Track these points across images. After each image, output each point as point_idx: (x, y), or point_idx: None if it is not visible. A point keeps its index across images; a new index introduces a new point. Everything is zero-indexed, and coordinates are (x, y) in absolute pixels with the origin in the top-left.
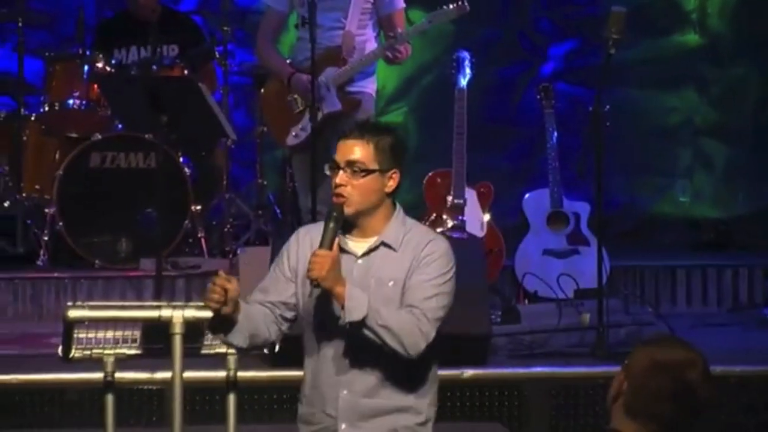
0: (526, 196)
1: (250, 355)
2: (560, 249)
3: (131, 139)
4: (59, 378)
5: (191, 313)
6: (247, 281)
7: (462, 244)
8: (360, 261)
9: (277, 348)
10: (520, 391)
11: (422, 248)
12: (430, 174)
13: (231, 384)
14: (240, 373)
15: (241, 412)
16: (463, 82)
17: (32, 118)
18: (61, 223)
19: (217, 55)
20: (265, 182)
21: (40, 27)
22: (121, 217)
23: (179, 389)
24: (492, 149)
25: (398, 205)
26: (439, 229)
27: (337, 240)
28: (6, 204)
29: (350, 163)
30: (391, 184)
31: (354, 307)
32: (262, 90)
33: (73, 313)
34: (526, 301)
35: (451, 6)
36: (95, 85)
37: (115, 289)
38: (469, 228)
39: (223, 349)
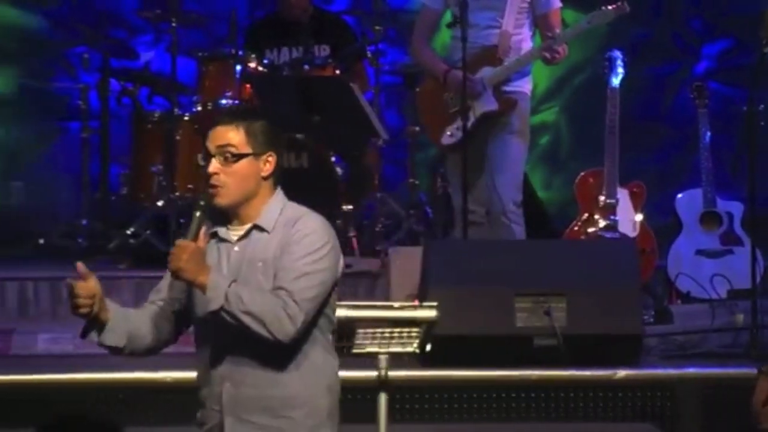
0: (679, 195)
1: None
2: (713, 249)
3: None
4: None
5: (342, 312)
6: (399, 281)
7: (614, 244)
8: (236, 248)
9: (428, 347)
10: (672, 392)
11: (291, 226)
12: (582, 173)
13: (382, 383)
14: (391, 373)
15: (392, 412)
16: (616, 81)
17: (185, 118)
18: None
19: (369, 55)
20: (417, 182)
21: (194, 27)
22: None
23: None
24: (644, 148)
25: (279, 189)
26: (591, 229)
27: (204, 229)
28: (160, 203)
29: (221, 149)
30: (268, 168)
31: (213, 296)
32: (417, 89)
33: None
34: (679, 302)
35: (610, 7)
36: (247, 85)
37: None
38: (621, 228)
39: (374, 349)
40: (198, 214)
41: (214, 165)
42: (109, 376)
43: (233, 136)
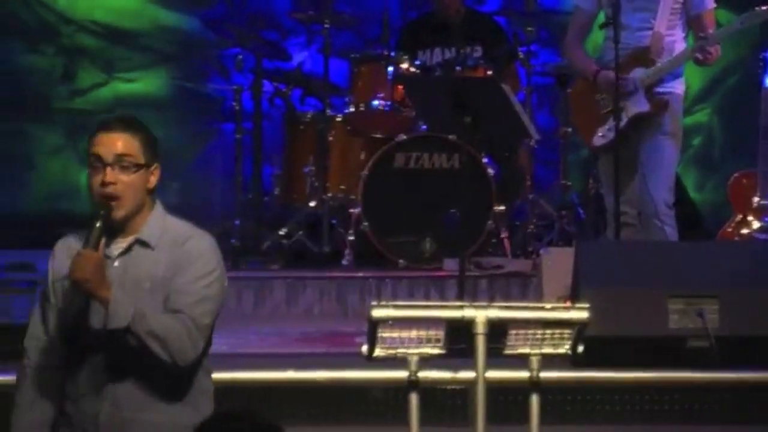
0: None
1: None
2: None
3: (435, 140)
4: (364, 376)
5: (494, 313)
6: (551, 282)
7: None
8: (117, 263)
9: (580, 349)
10: None
11: (181, 245)
12: (735, 175)
13: (534, 384)
14: (543, 374)
15: (544, 413)
16: None
17: (338, 119)
18: (365, 223)
19: (521, 56)
20: (569, 183)
21: (346, 29)
22: (425, 218)
23: (482, 389)
24: None
25: (158, 202)
26: (744, 231)
27: (102, 241)
28: (312, 204)
29: (120, 158)
30: (153, 180)
31: (117, 312)
32: (569, 90)
33: (377, 313)
34: None
35: (764, 7)
36: (399, 86)
37: (419, 289)
38: None
39: (526, 350)
40: (98, 224)
41: (111, 174)
42: (263, 376)
43: (131, 145)
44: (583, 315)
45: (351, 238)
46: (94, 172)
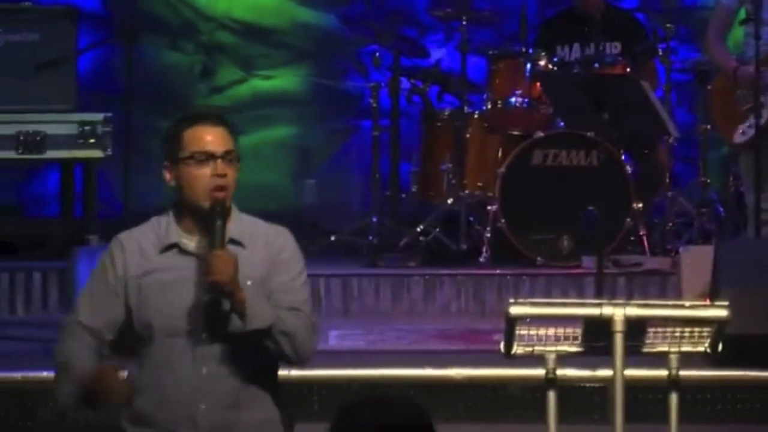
0: None
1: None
2: None
3: (573, 137)
4: (501, 374)
5: (633, 311)
6: (690, 280)
7: None
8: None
9: (719, 347)
10: None
11: (272, 243)
12: None
13: (673, 383)
14: (682, 372)
15: (684, 412)
16: None
17: (475, 116)
18: (503, 220)
19: (660, 53)
20: (708, 180)
21: (484, 25)
22: (563, 215)
23: (620, 387)
24: None
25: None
26: None
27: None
28: (449, 201)
29: (228, 152)
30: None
31: (258, 313)
32: (709, 86)
33: (515, 310)
34: None
35: None
36: (537, 83)
37: (557, 287)
38: None
39: (665, 348)
40: (219, 222)
41: (223, 166)
42: (400, 373)
43: (230, 139)
44: (723, 313)
45: (488, 235)
46: (200, 166)
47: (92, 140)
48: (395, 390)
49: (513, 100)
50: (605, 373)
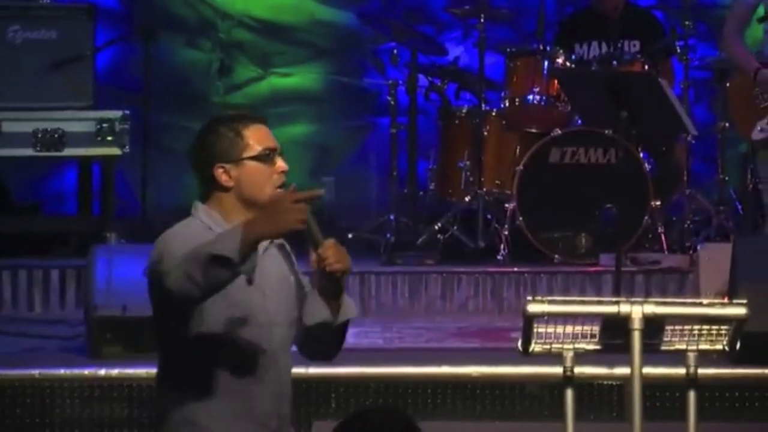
0: None
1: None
2: None
3: (591, 135)
4: (519, 371)
5: (651, 309)
6: (708, 278)
7: None
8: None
9: (738, 345)
10: None
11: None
12: None
13: (691, 381)
14: (700, 370)
15: (702, 410)
16: None
17: (493, 114)
18: (521, 218)
19: (678, 50)
20: (727, 178)
21: (502, 23)
22: (581, 213)
23: (638, 385)
24: None
25: None
26: None
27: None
28: (467, 198)
29: (279, 149)
30: None
31: (350, 303)
32: (727, 84)
33: (533, 308)
34: None
35: None
36: (555, 81)
37: (575, 285)
38: None
39: (683, 346)
40: (310, 212)
41: (284, 163)
42: (418, 371)
43: None
44: (741, 311)
45: (506, 233)
46: (267, 164)
47: (110, 138)
48: (413, 388)
49: (531, 97)
50: (623, 371)
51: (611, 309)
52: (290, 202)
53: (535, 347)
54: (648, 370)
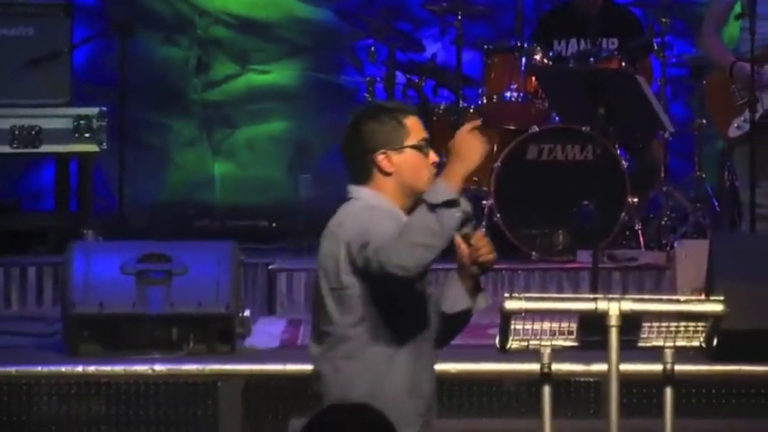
0: None
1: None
2: None
3: (568, 132)
4: (497, 368)
5: (628, 305)
6: (685, 275)
7: None
8: None
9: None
10: None
11: None
12: None
13: (668, 378)
14: (677, 367)
15: (679, 407)
16: None
17: (470, 110)
18: (498, 215)
19: (655, 47)
20: (704, 175)
21: (479, 20)
22: (558, 210)
23: (616, 382)
24: None
25: None
26: None
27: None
28: None
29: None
30: None
31: (484, 293)
32: (704, 81)
33: (510, 305)
34: None
35: None
36: (533, 78)
37: (552, 281)
38: None
39: (660, 343)
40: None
41: (434, 155)
42: None
43: None
44: (718, 308)
45: (483, 230)
46: (424, 154)
47: (87, 134)
48: None
49: (508, 94)
50: (600, 367)
51: (588, 306)
52: (468, 136)
53: (513, 344)
54: (625, 366)
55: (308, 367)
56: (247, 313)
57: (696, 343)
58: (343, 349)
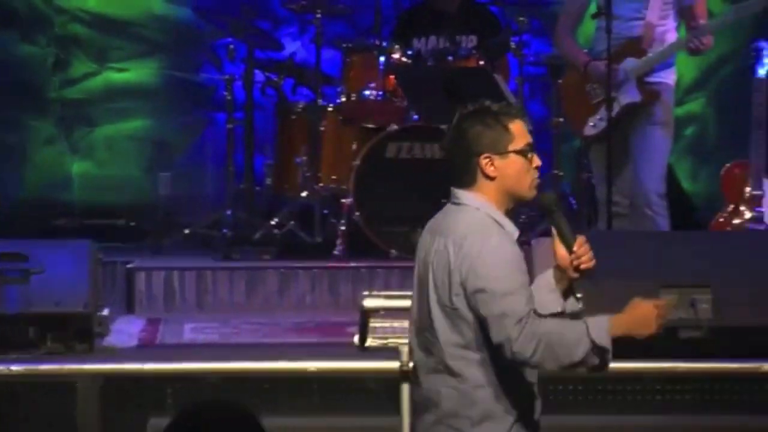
0: None
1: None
2: None
3: (427, 130)
4: (356, 366)
5: None
6: (542, 272)
7: (760, 236)
8: None
9: None
10: None
11: None
12: (727, 165)
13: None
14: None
15: (549, 405)
16: (762, 72)
17: (329, 109)
18: (357, 213)
19: (513, 46)
20: (561, 173)
21: (339, 18)
22: (418, 208)
23: None
24: None
25: None
26: (736, 221)
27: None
28: (304, 194)
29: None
30: None
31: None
32: (560, 80)
33: (369, 303)
34: None
35: None
36: (392, 76)
37: (411, 279)
38: (767, 219)
39: None
40: (560, 213)
41: (538, 159)
42: (255, 366)
43: None
44: (576, 306)
45: (343, 228)
46: (527, 159)
47: None
48: (251, 384)
49: (367, 93)
50: None
51: None
52: (653, 310)
53: (372, 342)
54: None
55: (167, 366)
56: (105, 312)
57: None
58: (453, 366)
